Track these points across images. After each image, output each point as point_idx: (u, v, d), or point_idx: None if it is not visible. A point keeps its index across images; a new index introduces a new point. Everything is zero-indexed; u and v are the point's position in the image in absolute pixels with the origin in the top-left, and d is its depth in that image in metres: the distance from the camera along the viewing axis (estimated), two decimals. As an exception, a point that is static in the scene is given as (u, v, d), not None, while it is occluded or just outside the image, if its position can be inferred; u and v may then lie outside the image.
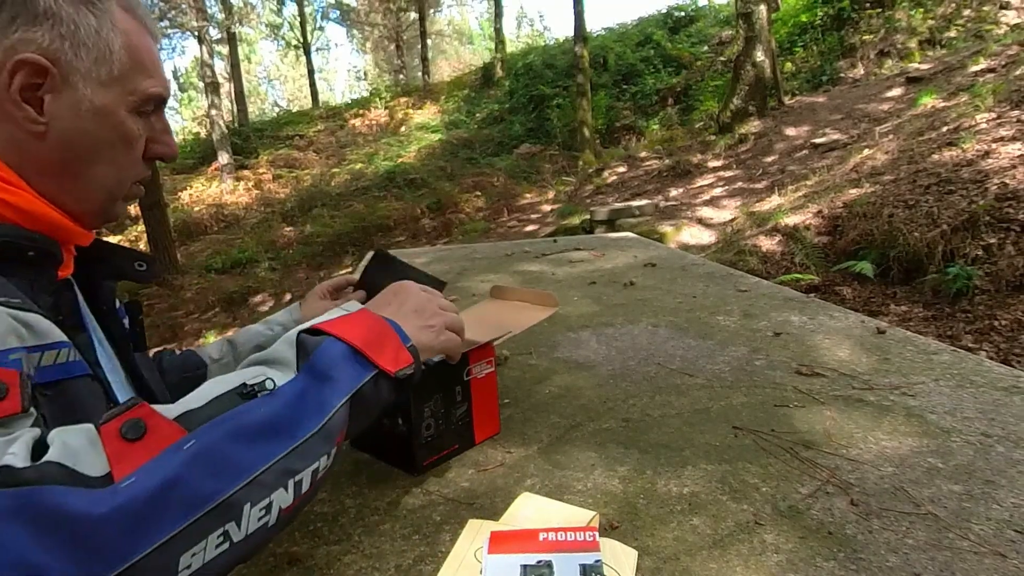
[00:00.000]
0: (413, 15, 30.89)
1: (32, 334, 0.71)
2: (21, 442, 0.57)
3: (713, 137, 12.09)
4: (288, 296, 11.45)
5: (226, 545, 0.60)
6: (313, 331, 0.80)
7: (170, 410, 0.64)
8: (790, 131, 10.79)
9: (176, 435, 0.61)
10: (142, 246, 12.46)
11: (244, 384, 0.70)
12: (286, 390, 0.71)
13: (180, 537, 0.56)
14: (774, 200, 7.86)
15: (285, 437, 0.67)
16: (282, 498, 0.65)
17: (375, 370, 0.79)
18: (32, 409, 0.64)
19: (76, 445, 0.58)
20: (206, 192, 18.68)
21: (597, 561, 0.78)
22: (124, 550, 0.53)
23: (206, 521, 0.58)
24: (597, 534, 0.83)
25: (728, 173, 10.37)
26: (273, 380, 0.72)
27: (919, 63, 11.50)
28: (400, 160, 18.19)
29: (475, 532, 0.86)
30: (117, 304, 1.05)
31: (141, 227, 12.15)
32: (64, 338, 0.76)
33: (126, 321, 1.05)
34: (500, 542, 0.83)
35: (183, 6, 18.92)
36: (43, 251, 0.83)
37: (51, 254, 0.84)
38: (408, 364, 0.82)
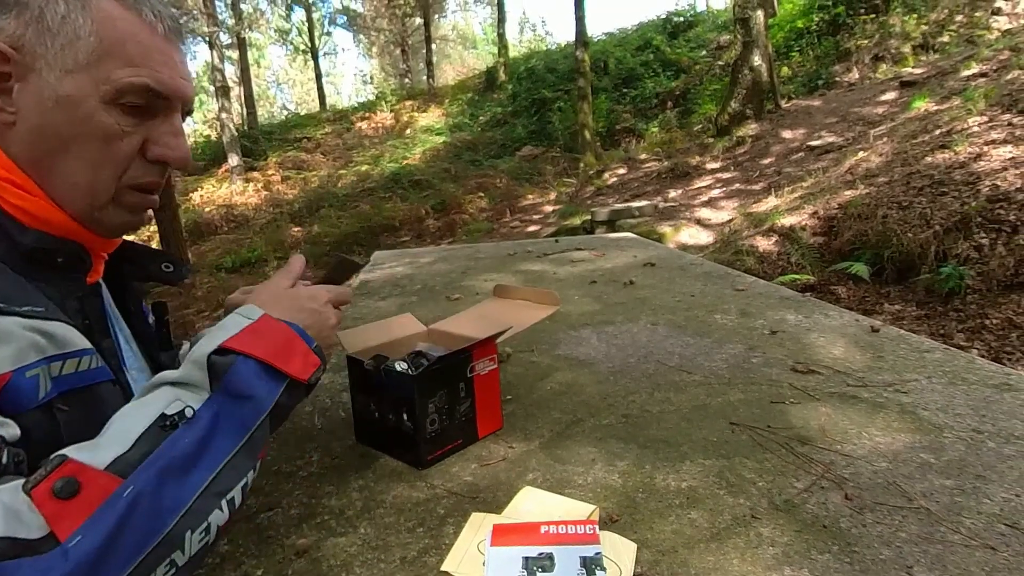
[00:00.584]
0: (418, 20, 30.89)
1: (54, 344, 0.71)
2: None
3: (711, 140, 12.08)
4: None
5: (172, 571, 0.62)
6: (221, 350, 0.76)
7: (99, 458, 0.63)
8: (786, 134, 10.78)
9: (112, 485, 0.61)
10: (154, 246, 12.48)
11: (163, 415, 0.69)
12: (204, 415, 0.70)
13: None
14: (771, 201, 7.85)
15: (212, 462, 0.68)
16: (218, 517, 0.67)
17: (287, 380, 0.78)
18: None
19: (11, 506, 0.57)
20: (216, 193, 18.69)
21: (597, 554, 0.78)
22: None
23: (153, 558, 0.60)
24: (597, 527, 0.83)
25: (726, 175, 10.36)
26: (192, 407, 0.71)
27: (913, 68, 11.49)
28: (405, 162, 18.20)
29: (478, 525, 0.86)
30: (144, 304, 1.05)
31: (153, 227, 12.16)
32: (88, 345, 0.76)
33: (151, 320, 1.05)
34: (502, 534, 0.83)
35: (195, 12, 18.93)
36: (72, 257, 0.82)
37: (80, 260, 0.83)
38: (317, 367, 0.82)
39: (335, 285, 0.97)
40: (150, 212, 0.92)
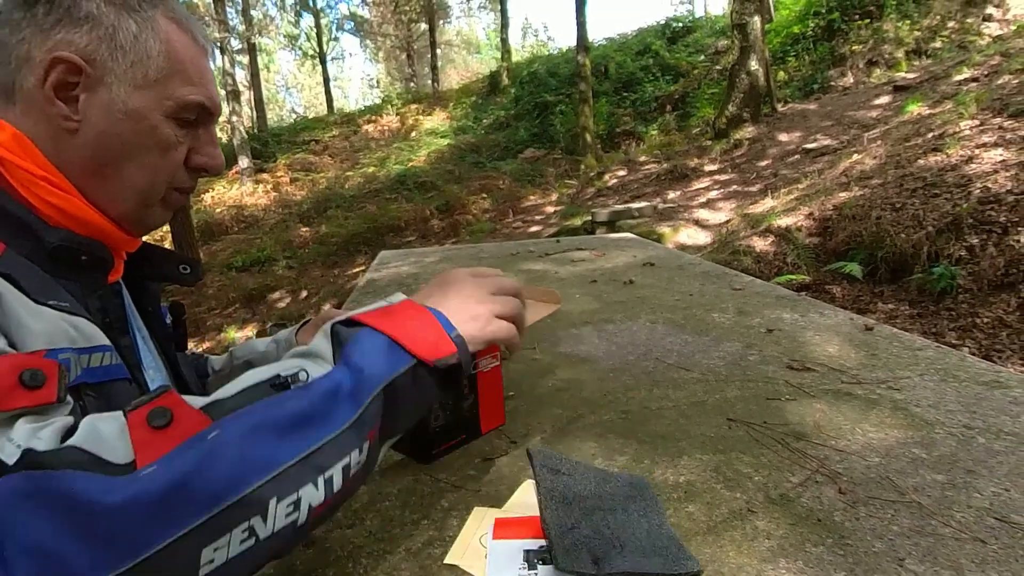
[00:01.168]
0: (423, 26, 30.92)
1: (82, 336, 0.72)
2: (51, 428, 0.56)
3: (709, 142, 12.09)
4: (304, 293, 11.48)
5: (252, 541, 0.56)
6: (350, 322, 0.74)
7: (198, 400, 0.61)
8: (783, 137, 10.77)
9: (201, 425, 0.58)
10: (167, 245, 12.51)
11: (278, 375, 0.66)
12: (319, 382, 0.66)
13: (200, 530, 0.53)
14: (767, 203, 7.85)
15: (314, 431, 0.62)
16: (312, 495, 0.60)
17: (412, 360, 0.71)
18: (69, 399, 0.63)
19: (104, 431, 0.56)
20: (227, 194, 18.74)
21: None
22: (139, 542, 0.51)
23: (228, 515, 0.54)
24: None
25: (723, 177, 10.36)
26: (307, 372, 0.68)
27: (906, 72, 11.47)
28: (411, 164, 18.22)
29: (480, 519, 0.86)
30: (161, 305, 1.06)
31: (166, 227, 12.19)
32: (107, 342, 0.77)
33: (168, 321, 1.06)
34: (504, 528, 0.83)
35: (206, 18, 18.97)
36: (95, 256, 0.83)
37: (103, 259, 0.85)
38: (451, 353, 0.73)
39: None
40: None
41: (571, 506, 0.81)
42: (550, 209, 12.99)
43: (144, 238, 0.99)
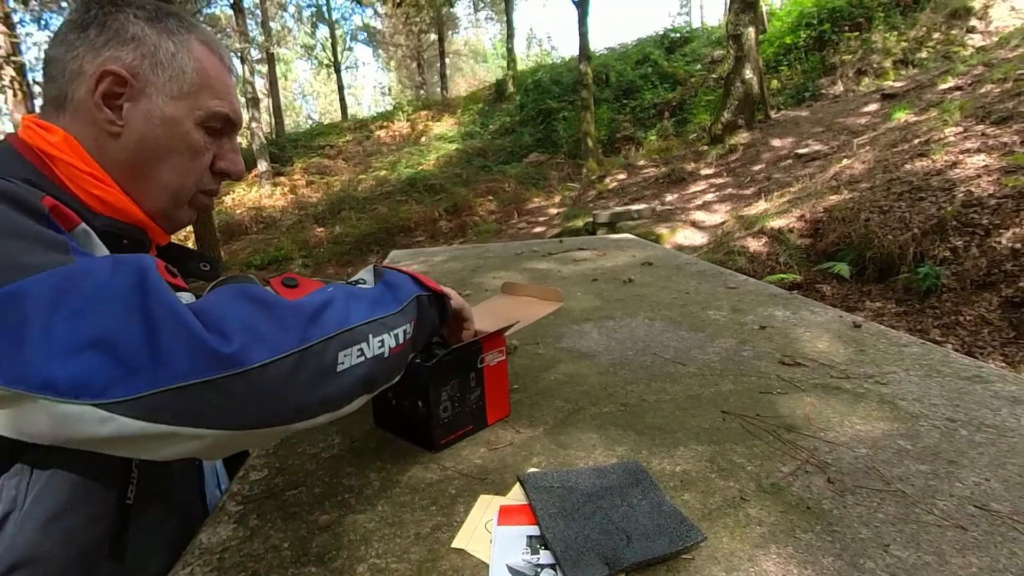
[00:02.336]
0: (433, 36, 30.97)
1: None
2: None
3: (705, 147, 12.07)
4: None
5: (362, 358, 0.76)
6: (382, 268, 0.95)
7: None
8: (776, 142, 10.75)
9: (319, 285, 0.81)
10: (190, 244, 12.55)
11: (349, 281, 0.91)
12: (374, 288, 0.88)
13: (336, 339, 0.73)
14: (761, 205, 7.84)
15: (381, 307, 0.83)
16: (388, 340, 0.81)
17: (429, 291, 0.96)
18: None
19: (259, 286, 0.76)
20: (247, 196, 18.78)
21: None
22: (303, 334, 0.70)
23: (349, 335, 0.75)
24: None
25: (719, 180, 10.34)
26: (365, 282, 0.91)
27: (893, 81, 11.45)
28: (420, 167, 18.24)
29: (486, 506, 0.86)
30: None
31: (189, 227, 12.21)
32: None
33: None
34: (508, 515, 0.83)
35: (228, 30, 19.03)
36: (135, 240, 0.93)
37: (141, 242, 0.94)
38: (446, 295, 1.01)
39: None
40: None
41: (571, 517, 0.80)
42: (553, 211, 12.99)
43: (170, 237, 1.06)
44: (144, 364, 0.59)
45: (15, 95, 13.51)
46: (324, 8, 30.63)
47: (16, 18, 13.94)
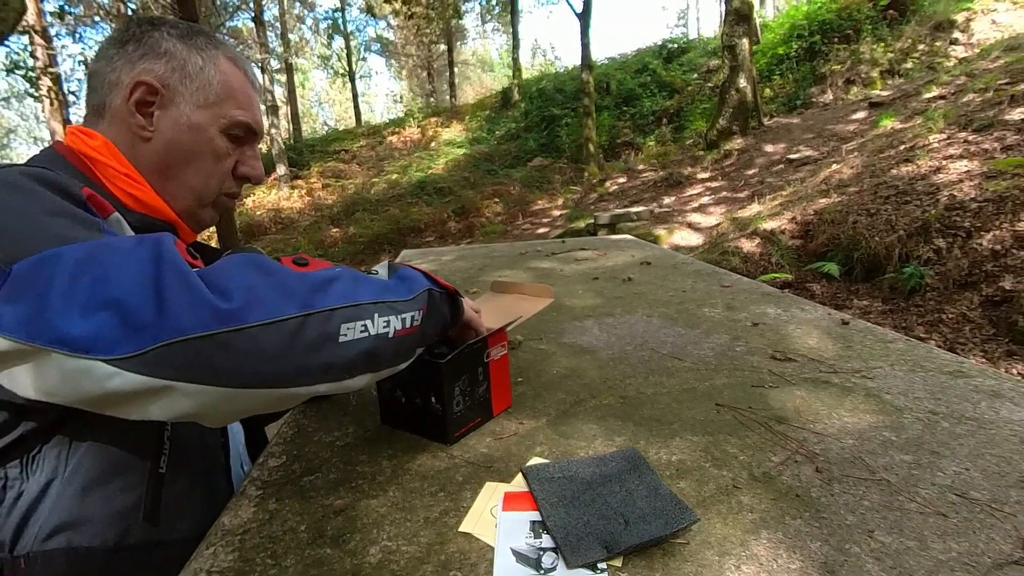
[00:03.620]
0: (442, 47, 30.96)
1: None
2: None
3: (701, 152, 12.04)
4: None
5: (365, 333, 0.75)
6: (396, 265, 0.94)
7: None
8: (768, 148, 10.72)
9: (328, 264, 0.81)
10: (213, 243, 12.57)
11: (363, 271, 0.88)
12: (388, 279, 0.87)
13: (341, 311, 0.72)
14: (754, 208, 7.82)
15: (391, 293, 0.82)
16: (394, 323, 0.79)
17: (440, 288, 0.95)
18: None
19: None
20: (266, 198, 18.82)
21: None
22: (307, 301, 0.70)
23: (355, 310, 0.74)
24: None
25: (714, 184, 10.32)
26: (378, 274, 0.90)
27: (880, 90, 11.40)
28: (430, 171, 18.24)
29: (491, 492, 0.86)
30: None
31: (213, 227, 12.26)
32: None
33: None
34: (512, 501, 0.84)
35: (249, 41, 19.08)
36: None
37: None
38: (456, 291, 0.99)
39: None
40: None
41: (572, 505, 0.81)
42: (556, 213, 12.98)
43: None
44: (150, 321, 0.60)
45: (52, 103, 13.59)
46: (340, 21, 30.62)
47: (53, 32, 14.01)
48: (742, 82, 11.50)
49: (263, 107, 1.39)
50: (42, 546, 0.75)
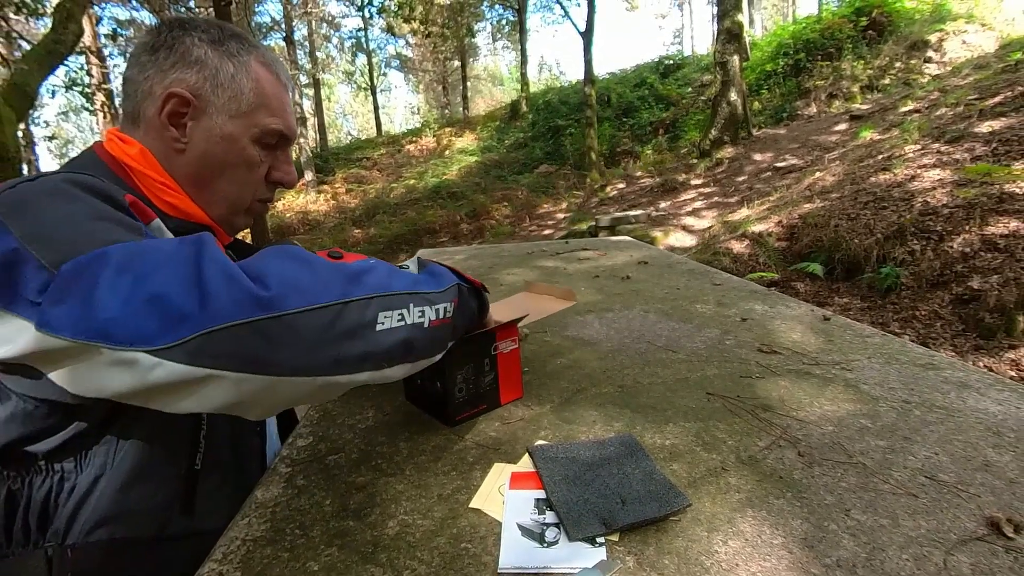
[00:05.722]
0: (456, 63, 30.96)
1: None
2: None
3: (695, 161, 11.99)
4: None
5: (402, 323, 0.71)
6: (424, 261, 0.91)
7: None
8: (757, 157, 10.68)
9: (362, 256, 0.77)
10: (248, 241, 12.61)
11: (395, 266, 0.84)
12: (418, 273, 0.84)
13: (377, 300, 0.69)
14: (743, 212, 7.79)
15: (423, 286, 0.78)
16: (429, 313, 0.76)
17: (469, 283, 0.91)
18: None
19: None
20: (295, 202, 18.88)
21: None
22: (344, 290, 0.67)
23: (391, 299, 0.71)
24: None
25: (707, 190, 10.28)
26: (409, 268, 0.87)
27: (860, 104, 11.33)
28: (444, 177, 18.23)
29: (499, 472, 0.87)
30: None
31: (247, 229, 12.33)
32: None
33: None
34: (519, 480, 0.84)
35: (281, 59, 19.17)
36: None
37: None
38: (482, 287, 0.96)
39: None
40: None
41: (574, 483, 0.81)
42: (560, 215, 12.96)
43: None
44: (192, 312, 0.57)
45: (105, 116, 13.71)
46: (363, 39, 30.63)
47: (106, 52, 14.10)
48: (733, 96, 11.44)
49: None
50: (87, 538, 0.75)
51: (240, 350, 0.58)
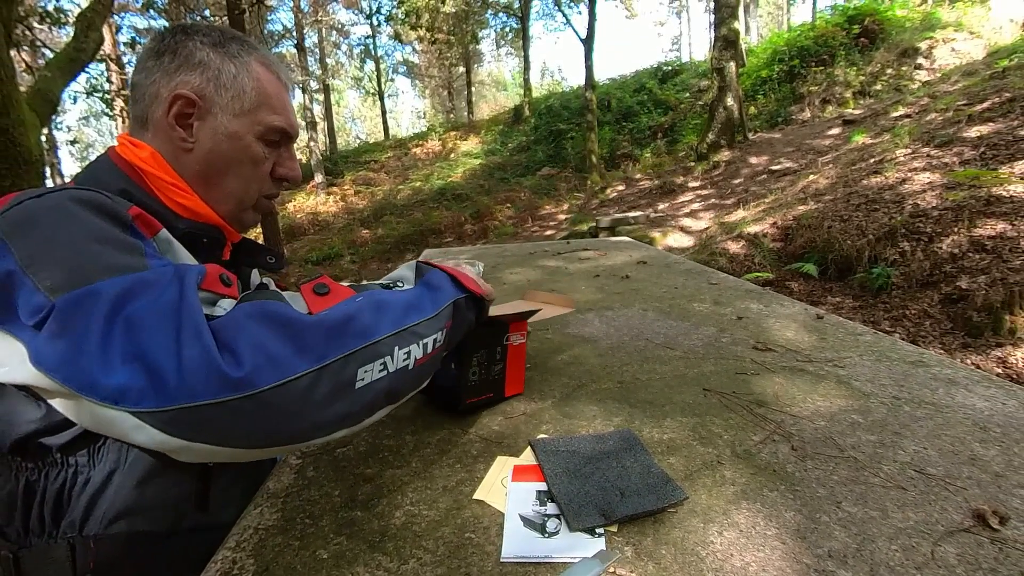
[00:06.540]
0: (461, 69, 30.95)
1: None
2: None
3: (693, 164, 11.97)
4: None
5: (384, 372, 0.67)
6: (425, 265, 0.88)
7: (344, 283, 0.76)
8: (753, 160, 10.65)
9: (350, 293, 0.71)
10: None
11: (385, 284, 0.83)
12: (411, 290, 0.80)
13: (357, 355, 0.64)
14: (740, 213, 7.78)
15: (415, 313, 0.74)
16: (415, 351, 0.72)
17: (467, 292, 0.86)
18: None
19: (286, 296, 0.68)
20: (305, 203, 18.91)
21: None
22: (321, 352, 0.62)
23: (372, 350, 0.66)
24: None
25: (704, 192, 10.26)
26: (402, 284, 0.83)
27: (853, 109, 11.30)
28: (449, 179, 18.24)
29: (502, 465, 0.87)
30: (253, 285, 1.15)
31: (259, 229, 12.33)
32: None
33: None
34: (521, 473, 0.84)
35: (292, 65, 19.19)
36: (213, 239, 0.93)
37: (218, 240, 0.94)
38: (482, 293, 0.90)
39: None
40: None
41: (574, 476, 0.81)
42: (562, 217, 12.96)
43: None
44: (170, 381, 0.55)
45: (124, 121, 13.73)
46: (371, 46, 30.65)
47: (125, 59, 14.14)
48: (729, 101, 11.42)
49: (303, 123, 1.36)
50: (107, 530, 0.76)
51: (213, 428, 0.57)
